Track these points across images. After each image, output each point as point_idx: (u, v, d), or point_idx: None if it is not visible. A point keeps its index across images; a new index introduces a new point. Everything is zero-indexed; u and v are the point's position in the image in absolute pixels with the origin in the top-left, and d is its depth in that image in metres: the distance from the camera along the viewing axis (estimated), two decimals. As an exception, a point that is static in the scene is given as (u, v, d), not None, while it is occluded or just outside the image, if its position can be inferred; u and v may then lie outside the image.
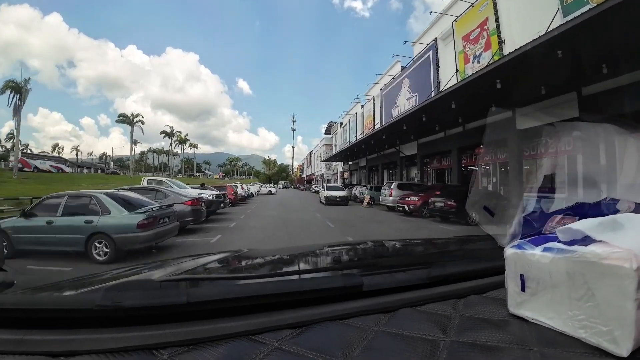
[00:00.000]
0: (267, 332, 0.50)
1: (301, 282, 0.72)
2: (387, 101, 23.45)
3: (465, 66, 13.64)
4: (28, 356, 0.45)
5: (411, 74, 19.39)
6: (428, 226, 10.34)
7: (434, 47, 16.44)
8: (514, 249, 0.53)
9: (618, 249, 0.42)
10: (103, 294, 0.54)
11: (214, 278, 0.80)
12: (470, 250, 1.24)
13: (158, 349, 0.46)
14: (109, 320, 0.51)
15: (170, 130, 77.29)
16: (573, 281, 0.45)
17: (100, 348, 0.46)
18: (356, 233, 8.66)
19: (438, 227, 9.94)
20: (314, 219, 12.19)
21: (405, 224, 10.88)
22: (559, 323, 0.47)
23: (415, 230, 9.67)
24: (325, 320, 0.53)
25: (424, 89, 16.94)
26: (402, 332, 0.49)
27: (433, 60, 16.52)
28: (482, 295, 0.63)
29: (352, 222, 11.11)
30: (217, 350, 0.45)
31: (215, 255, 1.08)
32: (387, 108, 23.19)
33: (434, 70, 16.39)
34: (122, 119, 62.91)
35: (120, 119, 63.20)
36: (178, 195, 8.84)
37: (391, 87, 22.55)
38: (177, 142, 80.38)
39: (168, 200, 7.90)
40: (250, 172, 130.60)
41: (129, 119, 62.25)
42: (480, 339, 0.46)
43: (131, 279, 0.79)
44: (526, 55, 6.50)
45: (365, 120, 29.60)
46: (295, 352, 0.45)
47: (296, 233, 8.57)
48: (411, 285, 0.65)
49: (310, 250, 1.33)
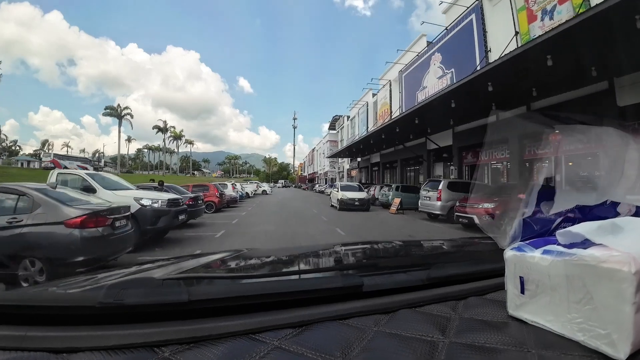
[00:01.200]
0: (267, 331, 0.50)
1: (301, 281, 0.72)
2: (409, 84, 19.77)
3: (529, 26, 10.51)
4: (30, 352, 0.45)
5: (444, 47, 15.63)
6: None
7: (478, 8, 12.80)
8: (513, 251, 0.54)
9: (617, 253, 0.42)
10: (105, 292, 0.55)
11: (215, 277, 0.81)
12: (471, 252, 1.24)
13: (159, 346, 0.47)
14: (111, 318, 0.52)
15: (164, 125, 72.95)
16: (572, 284, 0.45)
17: (102, 345, 0.46)
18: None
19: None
20: (335, 237, 8.09)
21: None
22: (557, 326, 0.47)
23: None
24: (325, 320, 0.54)
25: (465, 62, 13.53)
26: (401, 333, 0.50)
27: (477, 24, 12.91)
28: (482, 297, 0.63)
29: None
30: (217, 348, 0.46)
31: (216, 255, 1.09)
32: (409, 92, 19.59)
33: (480, 37, 12.83)
34: (110, 111, 59.60)
35: (107, 112, 59.88)
36: (56, 207, 4.09)
37: (414, 66, 18.89)
38: (172, 139, 77.49)
39: (35, 216, 3.98)
40: (250, 170, 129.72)
41: (117, 112, 58.85)
42: (478, 340, 0.46)
43: (133, 277, 0.79)
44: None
45: (379, 109, 25.39)
46: (295, 351, 0.45)
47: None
48: (411, 286, 0.65)
49: (310, 250, 1.34)
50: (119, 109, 60.51)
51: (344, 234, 8.56)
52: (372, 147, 24.35)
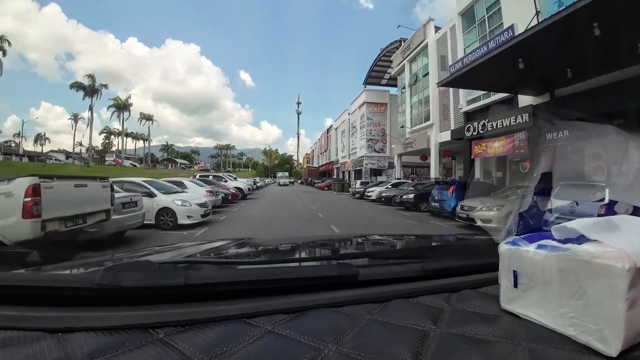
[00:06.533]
0: (261, 315, 0.51)
1: (297, 269, 0.73)
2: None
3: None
4: (27, 332, 0.46)
5: None
6: None
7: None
8: (508, 245, 0.54)
9: (611, 249, 0.42)
10: (102, 274, 0.55)
11: (212, 262, 0.81)
12: (466, 246, 1.25)
13: (154, 328, 0.47)
14: (108, 300, 0.52)
15: (91, 81, 45.32)
16: (565, 279, 0.45)
17: (97, 325, 0.47)
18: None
19: None
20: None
21: None
22: (549, 320, 0.47)
23: None
24: (319, 306, 0.54)
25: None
26: (394, 322, 0.50)
27: None
28: (476, 290, 0.63)
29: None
30: (212, 331, 0.46)
31: (214, 243, 1.10)
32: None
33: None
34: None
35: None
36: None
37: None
38: (116, 110, 55.25)
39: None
40: (247, 164, 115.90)
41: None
42: (470, 331, 0.47)
43: (131, 260, 0.80)
44: None
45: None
46: (287, 336, 0.46)
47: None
48: (406, 277, 0.66)
49: (308, 240, 1.35)
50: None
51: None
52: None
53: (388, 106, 30.38)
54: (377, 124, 31.11)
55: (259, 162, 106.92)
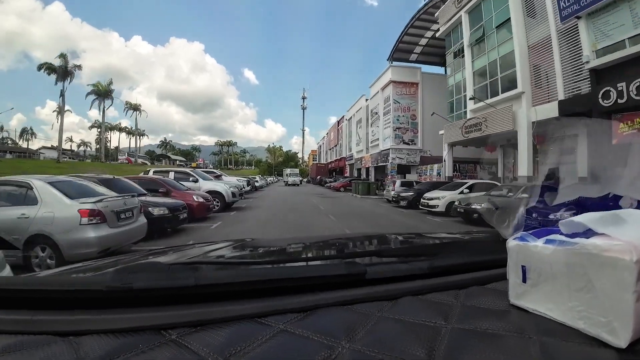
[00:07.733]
0: (273, 315, 0.51)
1: (306, 268, 0.73)
2: None
3: None
4: (38, 335, 0.46)
5: None
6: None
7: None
8: (516, 241, 0.54)
9: (619, 242, 0.42)
10: (112, 276, 0.55)
11: (221, 262, 0.82)
12: (473, 242, 1.25)
13: (167, 329, 0.47)
14: (118, 302, 0.53)
15: (62, 61, 37.93)
16: (573, 272, 0.45)
17: (109, 328, 0.47)
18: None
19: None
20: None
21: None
22: (558, 314, 0.48)
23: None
24: (329, 305, 0.55)
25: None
26: (405, 319, 0.50)
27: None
28: (483, 287, 0.64)
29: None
30: (224, 331, 0.47)
31: (222, 243, 1.11)
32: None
33: None
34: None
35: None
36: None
37: None
38: (96, 97, 48.15)
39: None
40: (250, 162, 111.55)
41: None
42: (480, 326, 0.47)
43: (140, 262, 0.80)
44: None
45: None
46: (300, 334, 0.46)
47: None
48: (413, 275, 0.66)
49: (315, 240, 1.35)
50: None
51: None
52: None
53: (419, 87, 23.80)
54: (406, 109, 24.06)
55: (263, 159, 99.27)
